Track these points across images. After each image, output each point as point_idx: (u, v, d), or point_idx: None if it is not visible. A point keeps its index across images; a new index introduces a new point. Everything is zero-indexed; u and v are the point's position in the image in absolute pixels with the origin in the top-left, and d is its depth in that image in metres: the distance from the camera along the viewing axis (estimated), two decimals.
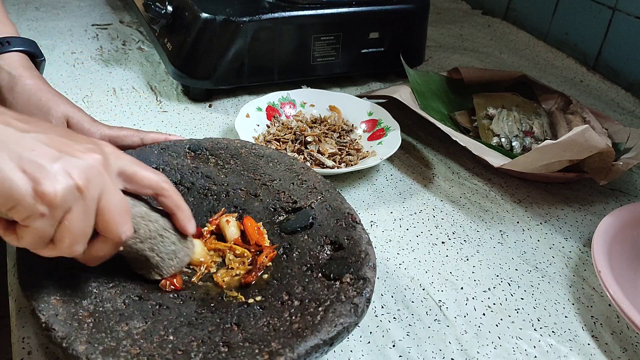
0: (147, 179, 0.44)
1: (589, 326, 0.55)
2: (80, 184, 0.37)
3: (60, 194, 0.36)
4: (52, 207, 0.36)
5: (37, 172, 0.35)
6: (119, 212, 0.40)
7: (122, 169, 0.42)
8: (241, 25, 0.79)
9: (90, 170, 0.38)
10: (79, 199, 0.37)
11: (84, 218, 0.38)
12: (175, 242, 0.48)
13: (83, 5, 1.12)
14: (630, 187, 0.77)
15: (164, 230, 0.47)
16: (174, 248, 0.48)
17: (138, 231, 0.45)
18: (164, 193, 0.46)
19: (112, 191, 0.40)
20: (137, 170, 0.44)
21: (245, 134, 0.72)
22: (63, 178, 0.36)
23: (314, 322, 0.43)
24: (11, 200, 0.35)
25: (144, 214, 0.45)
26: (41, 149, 0.36)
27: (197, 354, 0.41)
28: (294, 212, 0.55)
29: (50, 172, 0.36)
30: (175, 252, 0.48)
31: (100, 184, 0.39)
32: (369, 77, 0.97)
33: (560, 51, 1.13)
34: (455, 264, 0.61)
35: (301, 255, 0.51)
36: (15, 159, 0.35)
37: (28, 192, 0.35)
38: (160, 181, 0.45)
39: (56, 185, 0.36)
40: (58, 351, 0.40)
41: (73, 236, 0.38)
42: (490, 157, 0.70)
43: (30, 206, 0.35)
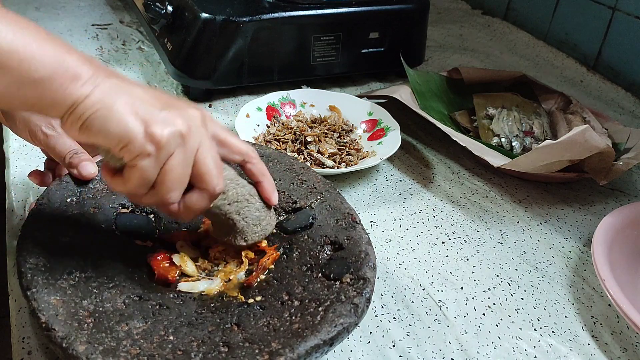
0: (237, 145, 0.48)
1: (589, 326, 0.55)
2: (184, 131, 0.40)
3: (166, 137, 0.39)
4: (159, 147, 0.39)
5: (149, 116, 0.39)
6: (214, 165, 0.43)
7: (216, 133, 0.46)
8: (241, 25, 0.79)
9: (192, 122, 0.41)
10: (181, 144, 0.40)
11: (183, 164, 0.41)
12: (259, 209, 0.50)
13: (83, 5, 1.12)
14: (630, 187, 0.77)
15: (250, 196, 0.49)
16: (258, 214, 0.50)
17: (227, 192, 0.47)
18: (251, 160, 0.49)
19: (209, 145, 0.43)
20: (228, 136, 0.47)
21: (245, 134, 0.72)
22: (170, 123, 0.40)
23: (314, 322, 0.43)
24: (125, 139, 0.39)
25: (233, 177, 0.47)
26: (150, 100, 0.41)
27: (197, 354, 0.41)
28: (294, 212, 0.55)
29: (159, 118, 0.40)
30: (259, 219, 0.50)
31: (199, 136, 0.42)
32: (369, 77, 0.97)
33: (560, 51, 1.13)
34: (455, 264, 0.61)
35: (301, 255, 0.51)
36: (129, 104, 0.39)
37: (140, 132, 0.39)
38: (249, 149, 0.48)
39: (164, 129, 0.39)
40: (58, 351, 0.40)
41: (172, 181, 0.41)
42: (490, 157, 0.70)
43: (141, 145, 0.39)
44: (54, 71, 0.37)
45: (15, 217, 0.59)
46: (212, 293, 0.48)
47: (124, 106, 0.39)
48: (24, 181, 0.64)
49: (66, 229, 0.49)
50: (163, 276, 0.49)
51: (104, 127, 0.38)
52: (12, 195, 0.62)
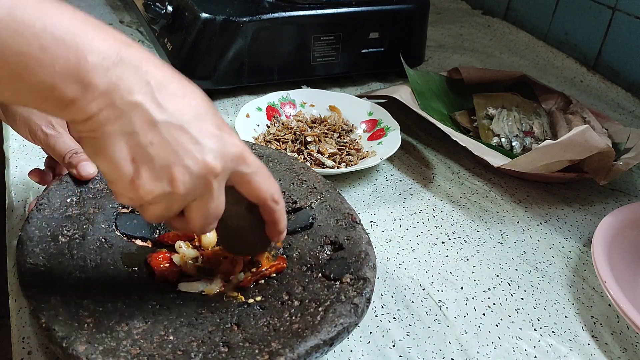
0: (256, 192, 0.42)
1: (589, 326, 0.55)
2: (178, 193, 0.37)
3: (151, 195, 0.36)
4: (140, 198, 0.37)
5: (144, 167, 0.36)
6: (208, 216, 0.39)
7: (239, 175, 0.40)
8: (241, 25, 0.79)
9: (196, 180, 0.37)
10: (169, 200, 0.37)
11: (167, 210, 0.38)
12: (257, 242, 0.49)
13: (83, 6, 1.12)
14: (630, 187, 0.77)
15: (250, 229, 0.47)
16: (252, 244, 0.49)
17: (225, 220, 0.43)
18: (267, 210, 0.44)
19: (210, 198, 0.39)
20: (252, 180, 0.41)
21: (245, 134, 0.72)
22: (163, 182, 0.36)
23: (314, 322, 0.43)
24: (110, 176, 0.36)
25: (240, 212, 0.45)
26: (160, 143, 0.36)
27: (197, 354, 0.41)
28: (294, 212, 0.55)
29: (155, 171, 0.36)
30: (252, 247, 0.49)
31: (201, 191, 0.38)
32: (369, 77, 0.97)
33: (560, 51, 1.13)
34: (455, 264, 0.61)
35: (301, 255, 0.51)
36: (132, 146, 0.35)
37: (127, 178, 0.36)
38: (269, 199, 0.43)
39: (153, 186, 0.36)
40: (58, 351, 0.40)
41: (154, 215, 0.38)
42: (490, 157, 0.70)
43: (123, 189, 0.37)
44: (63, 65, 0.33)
45: (15, 217, 0.59)
46: (212, 292, 0.48)
47: (122, 148, 0.35)
48: (24, 181, 0.64)
49: (66, 228, 0.49)
50: (163, 276, 0.49)
51: (94, 154, 0.36)
52: (12, 195, 0.62)
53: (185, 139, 0.36)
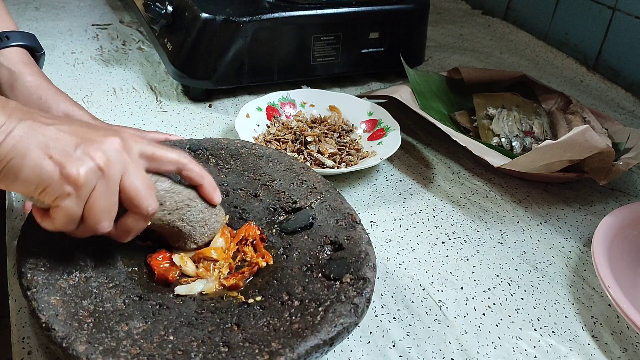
0: (166, 156, 0.47)
1: (589, 326, 0.55)
2: (101, 164, 0.40)
3: (83, 175, 0.40)
4: (77, 186, 0.40)
5: (62, 158, 0.39)
6: (142, 187, 0.43)
7: (142, 150, 0.45)
8: (241, 25, 0.79)
9: (110, 152, 0.41)
10: (101, 177, 0.41)
11: (107, 195, 0.41)
12: (202, 210, 0.50)
13: (83, 5, 1.12)
14: (630, 187, 0.77)
15: (190, 200, 0.49)
16: (202, 216, 0.50)
17: (164, 204, 0.47)
18: (185, 167, 0.48)
19: (133, 169, 0.43)
20: (156, 149, 0.46)
21: (245, 134, 0.72)
22: (85, 161, 0.40)
23: (314, 322, 0.43)
24: (42, 184, 0.39)
25: (168, 187, 0.48)
26: (64, 138, 0.40)
27: (197, 354, 0.41)
28: (294, 212, 0.55)
29: (74, 156, 0.40)
30: (204, 220, 0.50)
31: (120, 163, 0.42)
32: (369, 77, 0.97)
33: (560, 51, 1.13)
34: (455, 264, 0.61)
35: (301, 255, 0.51)
36: (42, 148, 0.39)
37: (56, 175, 0.39)
38: (180, 157, 0.48)
39: (79, 167, 0.40)
40: (58, 351, 0.40)
41: (98, 213, 0.41)
42: (490, 157, 0.70)
43: (58, 187, 0.39)
44: None
45: (15, 217, 0.59)
46: (212, 291, 0.48)
47: (36, 151, 0.39)
48: None
49: None
50: (163, 276, 0.49)
51: (19, 176, 0.39)
52: (12, 195, 0.62)
53: (83, 130, 0.42)
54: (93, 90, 0.84)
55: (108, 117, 0.78)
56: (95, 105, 0.81)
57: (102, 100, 0.82)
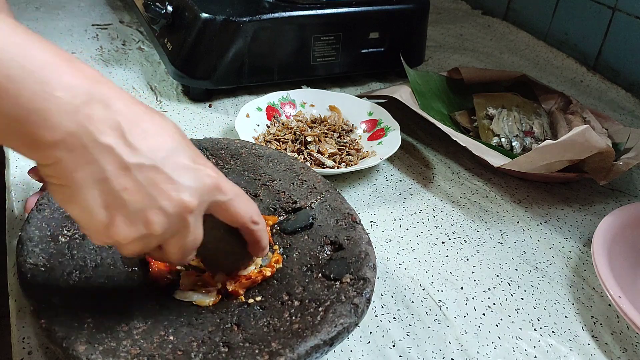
0: (235, 217, 0.42)
1: (589, 326, 0.55)
2: (155, 234, 0.36)
3: (127, 240, 0.36)
4: (115, 243, 0.36)
5: (118, 213, 0.35)
6: (185, 250, 0.39)
7: (216, 204, 0.40)
8: (241, 25, 0.79)
9: (172, 219, 0.37)
10: (146, 239, 0.37)
11: (145, 247, 0.38)
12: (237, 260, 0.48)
13: (83, 5, 1.12)
14: (630, 187, 0.77)
15: (232, 253, 0.47)
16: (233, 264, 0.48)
17: (204, 245, 0.42)
18: (247, 232, 0.44)
19: (187, 233, 0.38)
20: (230, 207, 0.41)
21: (245, 134, 0.72)
22: (139, 226, 0.36)
23: (314, 323, 0.43)
24: (84, 225, 0.36)
25: (219, 236, 0.44)
26: (134, 188, 0.35)
27: (197, 354, 0.41)
28: (294, 212, 0.55)
29: (130, 217, 0.35)
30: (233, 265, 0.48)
31: (177, 229, 0.38)
32: (369, 77, 0.97)
33: (560, 51, 1.13)
34: (455, 264, 0.61)
35: (301, 255, 0.51)
36: (104, 193, 0.34)
37: (101, 227, 0.35)
38: (248, 221, 0.43)
39: (129, 232, 0.35)
40: (58, 351, 0.40)
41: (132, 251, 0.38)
42: (490, 157, 0.70)
43: (98, 237, 0.36)
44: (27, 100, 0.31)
45: (15, 217, 0.59)
46: (203, 304, 0.47)
47: (94, 195, 0.34)
48: (24, 181, 0.64)
49: (66, 228, 0.49)
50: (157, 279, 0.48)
51: (65, 203, 0.35)
52: (12, 195, 0.62)
53: (160, 179, 0.35)
54: None
55: None
56: None
57: None
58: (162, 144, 0.36)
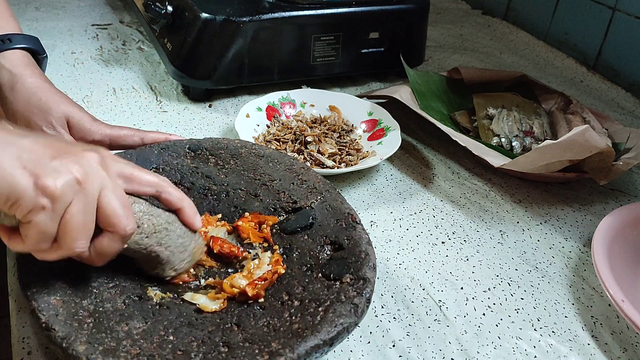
0: (145, 178, 0.45)
1: (589, 326, 0.55)
2: (80, 177, 0.38)
3: (60, 186, 0.37)
4: (54, 199, 0.37)
5: (38, 168, 0.37)
6: (120, 205, 0.41)
7: (121, 170, 0.43)
8: (241, 25, 0.79)
9: (89, 167, 0.39)
10: (78, 192, 0.38)
11: (85, 211, 0.39)
12: (182, 235, 0.48)
13: (83, 5, 1.12)
14: (630, 187, 0.77)
15: (169, 223, 0.47)
16: (182, 241, 0.48)
17: (142, 226, 0.45)
18: (164, 190, 0.46)
19: (112, 186, 0.41)
20: (135, 170, 0.44)
21: (245, 134, 0.72)
22: (63, 172, 0.38)
23: (314, 323, 0.43)
24: (13, 195, 0.36)
25: (145, 209, 0.45)
26: (40, 150, 0.38)
27: (197, 354, 0.41)
28: (294, 212, 0.55)
29: (50, 167, 0.37)
30: (184, 245, 0.48)
31: (99, 179, 0.40)
32: (369, 77, 0.97)
33: (560, 51, 1.13)
34: (455, 264, 0.61)
35: (301, 255, 0.51)
36: (16, 158, 0.37)
37: (29, 186, 0.36)
38: (159, 180, 0.46)
39: (57, 178, 0.37)
40: (58, 351, 0.40)
41: (75, 230, 0.39)
42: (490, 157, 0.70)
43: (32, 199, 0.37)
44: None
45: None
46: (206, 310, 0.47)
47: (9, 161, 0.36)
48: None
49: None
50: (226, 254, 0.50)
51: None
52: None
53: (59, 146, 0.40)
54: (93, 90, 0.84)
55: (108, 117, 0.78)
56: (95, 105, 0.81)
57: (102, 100, 0.82)
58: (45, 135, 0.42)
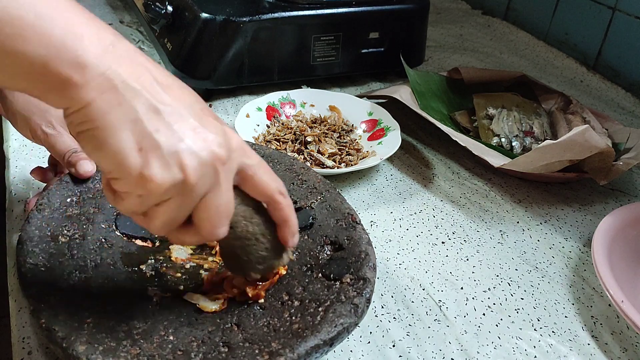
0: (262, 186, 0.41)
1: (589, 326, 0.55)
2: (191, 181, 0.35)
3: (163, 186, 0.34)
4: (150, 194, 0.35)
5: (152, 155, 0.34)
6: (219, 213, 0.38)
7: (243, 167, 0.39)
8: (241, 25, 0.79)
9: (205, 168, 0.35)
10: (180, 194, 0.35)
11: (179, 210, 0.36)
12: (268, 249, 0.45)
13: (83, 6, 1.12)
14: (630, 187, 0.77)
15: (262, 235, 0.44)
16: (264, 255, 0.45)
17: (235, 228, 0.42)
18: (275, 206, 0.42)
19: (220, 191, 0.37)
20: (257, 173, 0.40)
21: (245, 134, 0.72)
22: (174, 169, 0.34)
23: (314, 323, 0.43)
24: (116, 172, 0.34)
25: (248, 214, 0.43)
26: (166, 130, 0.34)
27: (197, 354, 0.41)
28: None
29: (164, 159, 0.34)
30: (264, 259, 0.45)
31: (210, 182, 0.36)
32: (369, 77, 0.97)
33: (560, 51, 1.13)
34: (455, 264, 0.61)
35: (301, 255, 0.51)
36: (137, 134, 0.33)
37: (135, 172, 0.34)
38: (275, 192, 0.42)
39: (164, 175, 0.34)
40: (58, 351, 0.40)
41: (163, 221, 0.37)
42: (490, 157, 0.70)
43: (132, 185, 0.34)
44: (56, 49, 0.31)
45: (15, 217, 0.59)
46: (206, 310, 0.46)
47: (128, 136, 0.33)
48: (24, 181, 0.64)
49: (66, 228, 0.49)
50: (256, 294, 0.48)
51: (97, 150, 0.34)
52: (12, 195, 0.62)
53: (189, 126, 0.35)
54: None
55: None
56: None
57: None
58: (186, 97, 0.36)
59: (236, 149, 0.38)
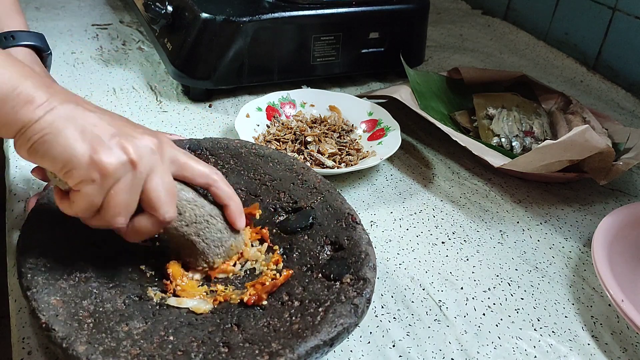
0: (198, 169, 0.47)
1: (589, 326, 0.55)
2: (133, 158, 0.41)
3: (113, 164, 0.40)
4: (104, 175, 0.40)
5: (96, 143, 0.40)
6: (165, 192, 0.43)
7: (175, 157, 0.45)
8: (241, 25, 0.79)
9: (144, 149, 0.42)
10: (129, 172, 0.41)
11: (130, 191, 0.41)
12: (222, 230, 0.49)
13: (83, 5, 1.12)
14: (630, 187, 0.77)
15: (210, 217, 0.48)
16: (220, 236, 0.49)
17: (183, 214, 0.46)
18: (214, 184, 0.48)
19: (161, 172, 0.43)
20: (189, 160, 0.46)
21: (245, 134, 0.72)
22: (118, 151, 0.40)
23: (314, 323, 0.43)
24: (69, 164, 0.39)
25: (191, 198, 0.47)
26: (103, 126, 0.41)
27: (197, 354, 0.41)
28: (294, 212, 0.55)
29: (107, 144, 0.40)
30: (221, 240, 0.49)
31: (151, 163, 0.42)
32: (369, 77, 0.97)
33: (560, 51, 1.13)
34: (455, 264, 0.61)
35: (301, 255, 0.51)
36: (79, 130, 0.40)
37: (85, 159, 0.39)
38: (211, 172, 0.47)
39: (111, 156, 0.40)
40: (58, 351, 0.40)
41: (117, 206, 0.41)
42: (490, 157, 0.70)
43: (85, 171, 0.39)
44: (7, 94, 0.39)
45: (15, 216, 0.59)
46: (199, 311, 0.46)
47: (72, 132, 0.39)
48: (24, 181, 0.64)
49: (66, 228, 0.49)
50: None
51: (49, 152, 0.39)
52: (12, 195, 0.62)
53: (121, 124, 0.43)
54: (93, 90, 0.84)
55: None
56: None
57: (102, 100, 0.82)
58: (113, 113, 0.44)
59: (166, 142, 0.45)
